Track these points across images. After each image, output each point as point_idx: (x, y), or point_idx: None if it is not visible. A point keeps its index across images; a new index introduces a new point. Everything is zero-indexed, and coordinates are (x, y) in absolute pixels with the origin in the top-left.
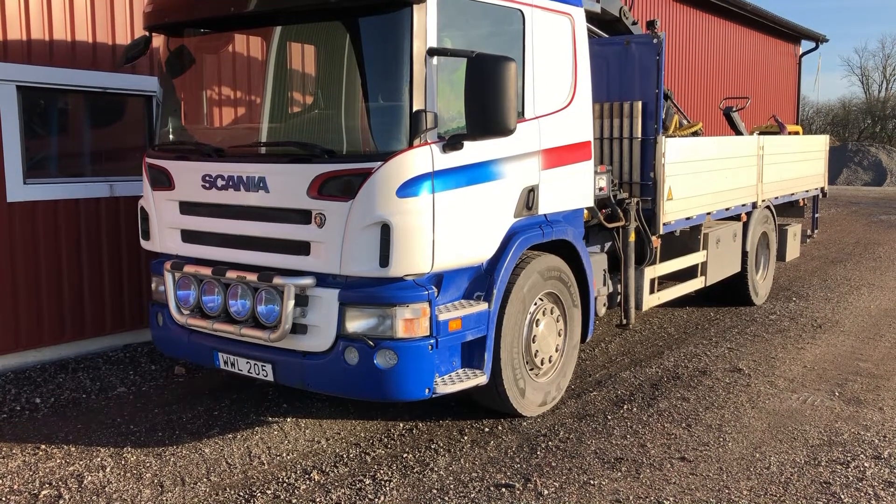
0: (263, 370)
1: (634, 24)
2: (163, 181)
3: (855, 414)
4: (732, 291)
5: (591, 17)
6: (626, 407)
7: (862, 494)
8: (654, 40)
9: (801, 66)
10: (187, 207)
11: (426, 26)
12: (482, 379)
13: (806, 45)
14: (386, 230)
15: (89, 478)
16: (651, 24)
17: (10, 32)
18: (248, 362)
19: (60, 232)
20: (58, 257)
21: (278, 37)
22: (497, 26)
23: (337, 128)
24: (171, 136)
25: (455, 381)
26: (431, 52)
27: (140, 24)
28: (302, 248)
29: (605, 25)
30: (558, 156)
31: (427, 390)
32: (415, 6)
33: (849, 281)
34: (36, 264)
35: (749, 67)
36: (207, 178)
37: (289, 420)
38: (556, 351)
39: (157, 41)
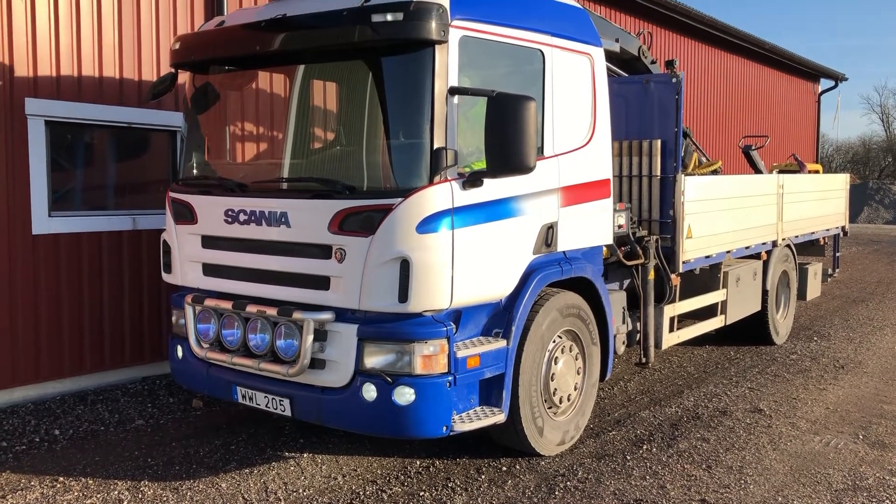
0: (281, 405)
1: (653, 62)
2: (185, 215)
3: (880, 458)
4: (753, 330)
5: (610, 56)
6: (645, 447)
7: None
8: (673, 79)
9: (821, 104)
10: (209, 241)
11: (447, 65)
12: (500, 417)
13: (825, 83)
14: (405, 266)
15: None
16: (670, 64)
17: (41, 69)
18: (265, 397)
19: (83, 264)
20: (80, 289)
21: (301, 74)
22: (517, 65)
23: (358, 164)
24: (194, 171)
25: (473, 419)
26: (452, 91)
27: (166, 60)
28: (322, 282)
29: (624, 64)
30: (577, 193)
31: (445, 428)
32: (437, 46)
33: (871, 321)
34: (58, 296)
35: (768, 105)
36: (230, 212)
37: (305, 455)
38: (575, 389)
39: (183, 77)
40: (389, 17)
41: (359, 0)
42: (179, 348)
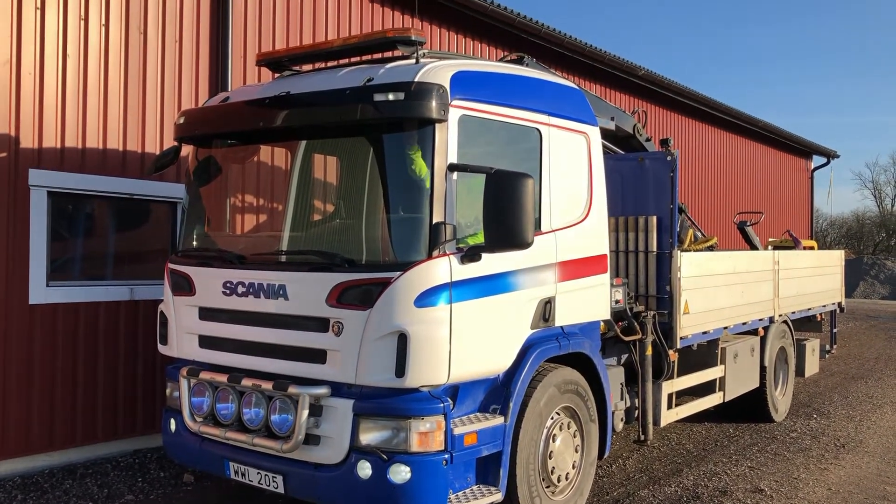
0: (274, 481)
1: (648, 140)
2: (184, 286)
3: None
4: (751, 407)
5: (605, 134)
6: None
7: None
8: (668, 157)
9: (814, 180)
10: (207, 313)
11: (447, 143)
12: (497, 497)
13: (817, 160)
14: (403, 340)
15: None
16: (665, 142)
17: (46, 140)
18: (258, 473)
19: (79, 334)
20: (75, 360)
21: (303, 148)
22: (515, 143)
23: (357, 238)
24: (194, 243)
25: (469, 499)
26: (452, 168)
27: (169, 133)
28: (318, 356)
29: (619, 141)
30: (575, 268)
31: None
32: (437, 124)
33: (871, 398)
34: (53, 367)
35: (762, 181)
36: (228, 284)
37: None
38: (573, 468)
39: (186, 150)
40: (391, 97)
41: (361, 79)
42: (173, 421)
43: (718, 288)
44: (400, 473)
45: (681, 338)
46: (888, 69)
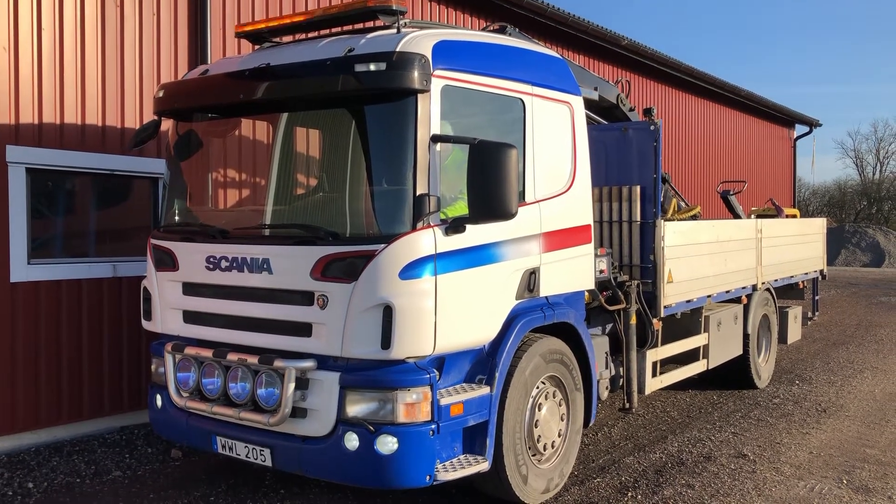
0: (262, 455)
1: (631, 110)
2: (167, 262)
3: (864, 503)
4: (735, 374)
5: (589, 104)
6: (630, 494)
7: None
8: (651, 127)
9: (796, 149)
10: (190, 288)
11: (430, 114)
12: (484, 465)
13: (800, 128)
14: (388, 312)
15: None
16: (648, 112)
17: (23, 116)
18: (246, 447)
19: (62, 312)
20: (58, 338)
21: (285, 121)
22: (498, 113)
23: (341, 210)
24: (176, 218)
25: (456, 468)
26: (435, 139)
27: (149, 107)
28: (304, 329)
29: (603, 112)
30: (559, 239)
31: (428, 477)
32: (419, 95)
33: (852, 364)
34: (36, 345)
35: (745, 151)
36: (211, 259)
37: None
38: (559, 436)
39: (166, 125)
40: (373, 67)
41: (342, 49)
42: (158, 397)
43: (702, 257)
44: (387, 444)
45: (665, 307)
46: (869, 38)
